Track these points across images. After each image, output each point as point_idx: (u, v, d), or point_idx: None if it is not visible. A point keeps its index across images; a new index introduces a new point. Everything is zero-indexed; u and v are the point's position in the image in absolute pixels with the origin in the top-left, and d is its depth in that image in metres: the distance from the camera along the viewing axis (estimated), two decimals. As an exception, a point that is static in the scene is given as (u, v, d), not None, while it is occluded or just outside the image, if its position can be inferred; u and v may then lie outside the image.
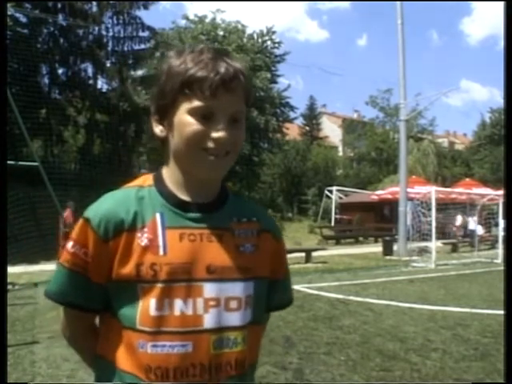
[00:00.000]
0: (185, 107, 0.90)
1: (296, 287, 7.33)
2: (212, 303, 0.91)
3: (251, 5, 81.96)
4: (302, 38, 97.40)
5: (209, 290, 0.91)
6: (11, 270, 7.52)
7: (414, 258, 12.89)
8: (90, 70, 20.05)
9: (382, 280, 9.10)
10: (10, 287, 7.25)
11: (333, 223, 24.66)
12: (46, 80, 19.18)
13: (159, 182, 0.97)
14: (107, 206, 0.92)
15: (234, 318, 0.93)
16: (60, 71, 19.57)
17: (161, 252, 0.90)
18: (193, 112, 0.90)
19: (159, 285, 0.88)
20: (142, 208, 0.92)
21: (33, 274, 9.33)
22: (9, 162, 6.41)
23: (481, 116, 45.27)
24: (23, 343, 4.40)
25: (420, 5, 76.34)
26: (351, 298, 6.99)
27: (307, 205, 29.46)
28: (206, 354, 0.89)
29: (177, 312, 0.89)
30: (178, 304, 0.89)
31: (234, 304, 0.93)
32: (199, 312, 0.90)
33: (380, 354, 4.16)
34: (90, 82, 20.17)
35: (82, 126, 19.91)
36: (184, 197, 0.95)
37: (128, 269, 0.89)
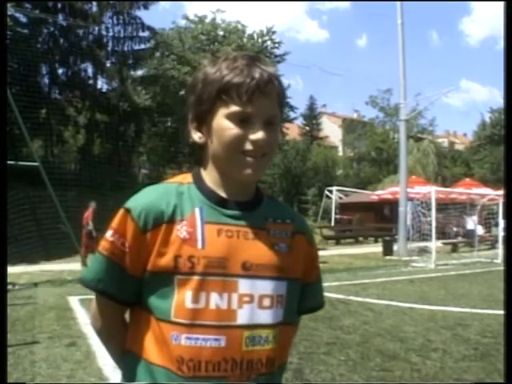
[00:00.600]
0: (222, 112, 0.94)
1: (296, 287, 7.33)
2: (246, 299, 0.92)
3: (251, 5, 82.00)
4: (301, 38, 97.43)
5: (243, 285, 0.93)
6: (11, 270, 7.52)
7: (414, 258, 12.90)
8: (90, 70, 20.10)
9: (382, 280, 9.11)
10: (10, 287, 7.25)
11: (333, 223, 24.66)
12: (46, 80, 19.21)
13: (199, 180, 1.00)
14: (148, 198, 0.95)
15: (267, 316, 0.94)
16: (60, 71, 19.60)
17: (199, 245, 0.92)
18: (231, 117, 0.93)
19: (196, 277, 0.90)
20: (182, 202, 0.95)
21: (33, 274, 9.34)
22: (9, 162, 6.41)
23: (481, 116, 45.33)
24: (23, 343, 4.40)
25: (420, 5, 76.35)
26: (351, 298, 6.99)
27: (307, 205, 29.46)
28: (239, 349, 0.91)
29: (212, 305, 0.90)
30: (214, 297, 0.91)
31: (266, 302, 0.94)
32: (233, 307, 0.91)
33: (380, 354, 4.16)
34: (90, 82, 20.20)
35: (82, 126, 19.94)
36: (222, 194, 0.98)
37: (166, 260, 0.91)
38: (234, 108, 0.93)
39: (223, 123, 0.93)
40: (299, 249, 1.02)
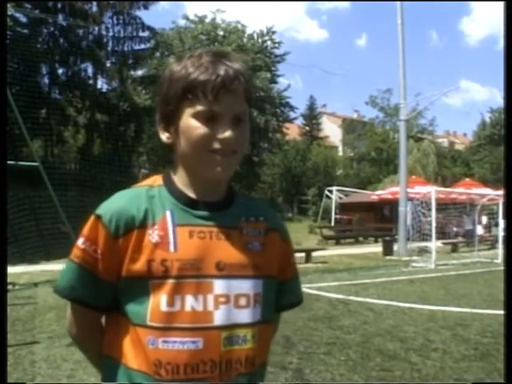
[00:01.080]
0: (189, 112, 0.92)
1: (296, 287, 7.32)
2: (222, 300, 0.92)
3: (251, 5, 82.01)
4: (301, 38, 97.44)
5: (218, 286, 0.92)
6: (11, 270, 7.52)
7: (414, 258, 12.89)
8: (90, 70, 20.09)
9: (382, 280, 9.10)
10: (10, 287, 7.25)
11: (333, 223, 24.65)
12: (46, 80, 19.20)
13: (169, 182, 0.99)
14: (119, 203, 0.94)
15: (244, 315, 0.94)
16: (60, 71, 19.59)
17: (171, 248, 0.91)
18: (197, 116, 0.92)
19: (170, 281, 0.90)
20: (153, 206, 0.94)
21: (33, 274, 9.33)
22: (9, 162, 6.41)
23: (481, 116, 45.33)
24: (23, 343, 4.40)
25: (419, 5, 76.31)
26: (351, 297, 6.99)
27: (307, 205, 29.50)
28: (217, 350, 0.90)
29: (188, 308, 0.90)
30: (189, 300, 0.90)
31: (243, 301, 0.94)
32: (209, 308, 0.91)
33: (380, 354, 4.16)
34: (90, 82, 20.19)
35: (82, 126, 19.92)
36: (193, 195, 0.97)
37: (139, 265, 0.90)
38: (200, 107, 0.91)
39: (190, 123, 0.92)
40: (273, 246, 1.01)
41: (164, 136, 0.98)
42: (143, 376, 0.89)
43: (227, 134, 0.92)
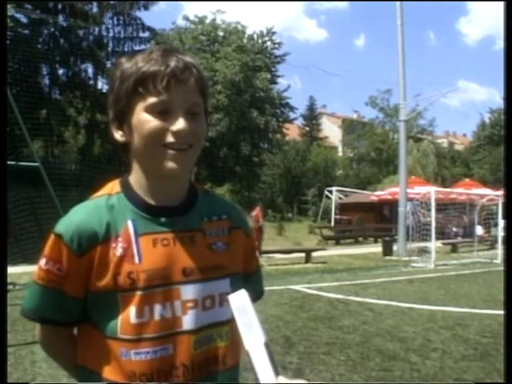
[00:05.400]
0: (141, 106, 0.90)
1: (296, 287, 7.36)
2: (190, 305, 0.91)
3: (249, 5, 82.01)
4: (300, 38, 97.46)
5: (186, 292, 0.91)
6: (12, 270, 7.52)
7: (414, 258, 12.90)
8: (90, 71, 20.11)
9: (382, 280, 9.11)
10: (10, 287, 7.25)
11: (332, 223, 24.66)
12: (47, 80, 19.22)
13: (127, 188, 0.96)
14: (78, 219, 0.91)
15: (213, 316, 0.94)
16: (60, 72, 19.61)
17: (136, 260, 0.90)
18: (149, 109, 0.89)
19: (138, 292, 0.89)
20: (114, 217, 0.92)
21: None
22: (9, 162, 6.42)
23: (480, 116, 45.36)
24: (24, 343, 4.40)
25: (417, 5, 76.37)
26: (351, 298, 6.99)
27: (307, 205, 29.47)
28: (187, 354, 0.90)
29: (157, 317, 0.89)
30: (158, 309, 0.89)
31: (211, 302, 0.94)
32: (177, 314, 0.90)
33: (380, 354, 4.16)
34: (91, 82, 20.21)
35: (82, 127, 19.95)
36: (153, 201, 0.94)
37: (106, 280, 0.89)
38: (152, 99, 0.88)
39: (142, 117, 0.89)
40: (238, 243, 1.01)
41: (118, 135, 0.95)
42: None
43: (181, 125, 0.88)
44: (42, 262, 0.93)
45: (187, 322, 0.91)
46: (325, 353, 4.21)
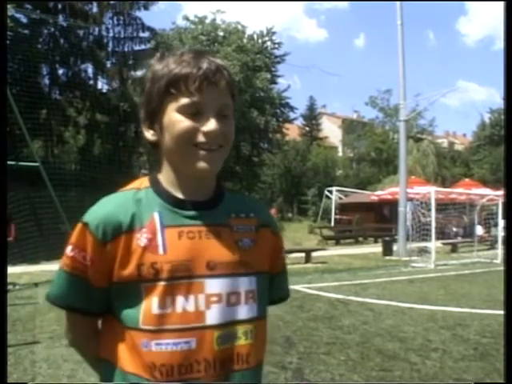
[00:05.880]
0: (173, 107, 0.92)
1: (296, 287, 7.35)
2: (214, 299, 0.91)
3: (248, 5, 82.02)
4: (300, 38, 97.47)
5: (210, 285, 0.91)
6: (12, 270, 7.53)
7: (414, 258, 12.90)
8: (90, 71, 20.10)
9: (382, 280, 9.11)
10: (10, 287, 7.26)
11: (332, 223, 24.66)
12: (47, 80, 19.21)
13: (155, 183, 0.98)
14: (105, 209, 0.93)
15: (238, 313, 0.94)
16: (60, 72, 19.61)
17: (160, 251, 0.91)
18: (181, 110, 0.91)
19: (161, 283, 0.89)
20: (140, 209, 0.93)
21: (33, 275, 9.34)
22: (9, 162, 6.42)
23: (480, 116, 45.37)
24: (24, 343, 4.41)
25: (416, 5, 76.32)
26: (351, 298, 6.99)
27: (307, 205, 29.50)
28: (210, 349, 0.90)
29: (179, 309, 0.89)
30: (180, 301, 0.90)
31: (236, 299, 0.94)
32: (201, 308, 0.90)
33: (380, 354, 4.16)
34: (91, 82, 20.20)
35: (82, 127, 19.94)
36: (180, 195, 0.96)
37: (129, 270, 0.90)
38: (184, 100, 0.90)
39: (174, 117, 0.91)
40: (265, 242, 1.01)
41: (149, 134, 0.97)
42: (138, 378, 0.89)
43: (212, 126, 0.90)
44: (68, 249, 0.94)
45: (211, 316, 0.91)
46: (325, 353, 4.21)
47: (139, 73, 22.42)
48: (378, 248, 15.58)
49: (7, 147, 2.32)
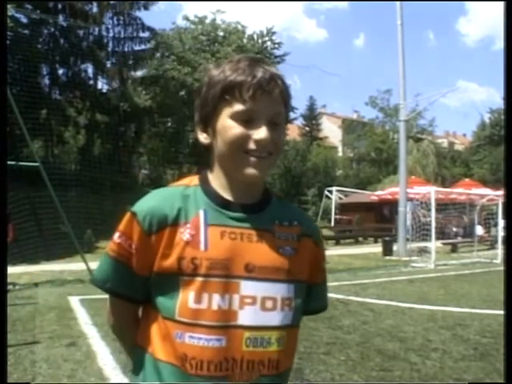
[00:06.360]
0: (226, 112, 0.95)
1: (296, 287, 7.33)
2: (248, 300, 0.93)
3: (247, 5, 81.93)
4: (299, 38, 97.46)
5: (246, 287, 0.94)
6: (12, 270, 7.53)
7: (414, 258, 12.91)
8: (90, 71, 20.14)
9: (382, 280, 9.11)
10: (10, 287, 7.26)
11: (332, 223, 24.66)
12: (47, 80, 19.23)
13: (205, 183, 1.01)
14: (153, 201, 0.97)
15: (271, 318, 0.95)
16: (60, 72, 19.63)
17: (202, 247, 0.93)
18: (234, 116, 0.94)
19: (199, 278, 0.92)
20: (187, 205, 0.97)
21: (33, 275, 9.34)
22: (9, 162, 6.42)
23: (480, 116, 45.39)
24: (24, 343, 4.41)
25: (416, 5, 76.33)
26: (351, 298, 6.99)
27: (307, 205, 29.48)
28: (239, 349, 0.92)
29: (214, 306, 0.92)
30: (216, 298, 0.92)
31: (270, 304, 0.95)
32: (234, 308, 0.93)
33: (380, 354, 4.16)
34: (91, 82, 20.23)
35: (82, 127, 19.96)
36: (228, 197, 0.99)
37: (170, 262, 0.93)
38: (238, 107, 0.93)
39: (227, 123, 0.94)
40: (306, 252, 1.02)
41: (202, 137, 1.01)
42: (170, 367, 0.92)
43: (263, 134, 0.93)
44: (116, 235, 0.98)
45: (243, 316, 0.92)
46: (325, 353, 4.21)
47: (139, 73, 22.46)
48: (377, 248, 15.59)
49: (7, 147, 2.32)
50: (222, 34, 27.39)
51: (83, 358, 3.96)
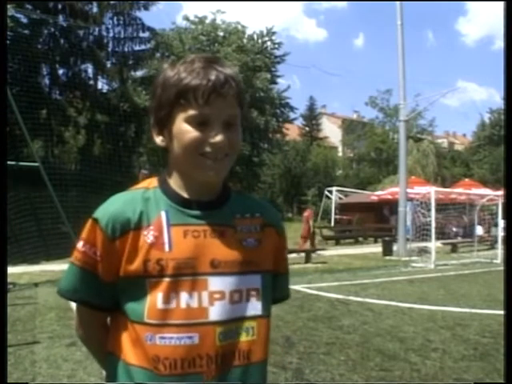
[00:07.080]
0: (181, 116, 0.95)
1: (296, 287, 7.36)
2: (217, 296, 0.94)
3: (249, 5, 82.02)
4: (299, 38, 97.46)
5: (213, 283, 0.95)
6: (12, 270, 7.54)
7: (414, 258, 12.90)
8: (90, 71, 20.10)
9: (382, 280, 9.11)
10: (10, 287, 7.26)
11: (332, 223, 24.66)
12: (47, 80, 19.21)
13: (164, 184, 1.02)
14: (115, 206, 0.97)
15: (241, 310, 0.97)
16: (60, 72, 19.60)
17: (166, 248, 0.94)
18: (189, 120, 0.94)
19: (166, 279, 0.93)
20: (148, 208, 0.97)
21: (33, 275, 9.34)
22: (9, 162, 6.43)
23: (480, 117, 45.39)
24: (24, 343, 4.41)
25: (415, 5, 76.29)
26: (351, 298, 6.99)
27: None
28: (212, 345, 0.93)
29: (183, 305, 0.93)
30: (184, 297, 0.93)
31: (240, 296, 0.97)
32: (204, 304, 0.93)
33: (380, 354, 4.17)
34: (91, 82, 20.21)
35: (82, 127, 19.93)
36: (187, 196, 1.00)
37: (135, 265, 0.94)
38: (192, 111, 0.94)
39: (182, 127, 0.95)
40: (269, 241, 1.04)
41: (158, 139, 1.01)
42: (142, 371, 0.93)
43: (218, 138, 0.94)
44: (80, 244, 0.99)
45: (214, 313, 0.94)
46: (325, 353, 4.21)
47: (139, 73, 22.44)
48: (377, 248, 15.58)
49: (7, 147, 2.32)
50: (221, 34, 27.41)
51: (83, 358, 3.95)
